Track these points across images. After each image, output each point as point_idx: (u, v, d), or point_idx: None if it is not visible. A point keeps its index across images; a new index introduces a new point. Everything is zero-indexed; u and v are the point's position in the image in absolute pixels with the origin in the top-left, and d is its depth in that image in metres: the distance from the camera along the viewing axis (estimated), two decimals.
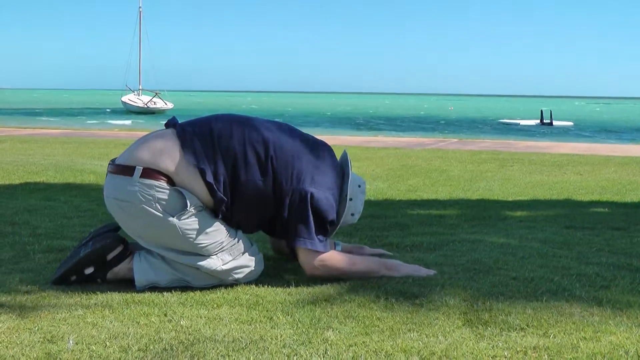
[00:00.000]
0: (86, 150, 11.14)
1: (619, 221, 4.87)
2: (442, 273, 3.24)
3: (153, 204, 2.88)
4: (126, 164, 2.96)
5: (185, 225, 2.90)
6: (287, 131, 3.19)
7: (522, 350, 2.26)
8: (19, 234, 4.14)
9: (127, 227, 3.01)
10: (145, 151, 2.97)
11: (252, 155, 3.00)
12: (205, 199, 2.97)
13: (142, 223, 2.93)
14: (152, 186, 2.88)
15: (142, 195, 2.88)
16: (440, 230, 4.43)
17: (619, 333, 2.43)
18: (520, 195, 6.53)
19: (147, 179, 2.89)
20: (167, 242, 2.95)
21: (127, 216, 2.95)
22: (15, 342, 2.31)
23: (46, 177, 7.26)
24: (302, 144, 3.15)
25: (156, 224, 2.90)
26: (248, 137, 3.03)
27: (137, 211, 2.90)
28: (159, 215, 2.88)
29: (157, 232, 2.93)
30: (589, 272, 3.27)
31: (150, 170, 2.90)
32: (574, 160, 10.41)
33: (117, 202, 2.94)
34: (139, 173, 2.90)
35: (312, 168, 3.09)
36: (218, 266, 2.97)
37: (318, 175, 3.09)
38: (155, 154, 2.94)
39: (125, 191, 2.91)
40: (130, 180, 2.90)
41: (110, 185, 2.99)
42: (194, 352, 2.23)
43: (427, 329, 2.46)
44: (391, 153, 11.61)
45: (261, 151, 3.01)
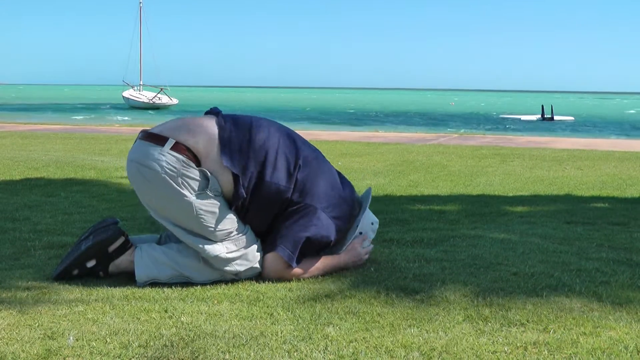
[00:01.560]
0: (87, 146, 11.14)
1: (619, 216, 4.87)
2: (443, 269, 3.25)
3: (175, 178, 2.91)
4: (160, 134, 2.99)
5: (201, 205, 2.92)
6: (319, 153, 3.30)
7: (522, 346, 2.26)
8: (20, 230, 4.14)
9: (142, 195, 3.03)
10: (182, 128, 3.02)
11: (281, 161, 3.06)
12: (227, 189, 3.00)
13: (159, 193, 2.94)
14: (179, 160, 2.92)
15: (167, 166, 2.91)
16: (441, 226, 4.43)
17: (619, 328, 2.43)
18: (521, 190, 6.53)
19: (176, 152, 2.92)
20: (178, 218, 2.96)
21: (146, 183, 2.96)
22: (15, 338, 2.31)
23: (47, 173, 7.26)
24: (328, 169, 3.26)
25: (173, 197, 2.92)
26: (283, 143, 3.11)
27: (157, 180, 2.91)
28: (178, 190, 2.91)
29: (171, 206, 2.95)
30: (589, 268, 3.27)
31: (182, 146, 2.94)
32: (574, 156, 10.40)
33: (140, 167, 2.96)
34: (170, 145, 2.94)
35: (329, 192, 3.17)
36: (222, 253, 2.97)
37: (331, 200, 3.17)
38: (190, 133, 2.99)
39: (152, 158, 2.93)
40: (159, 150, 2.94)
41: (138, 150, 3.01)
42: (194, 348, 2.23)
43: (427, 325, 2.46)
44: (392, 148, 11.60)
45: (291, 159, 3.09)
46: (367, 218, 3.36)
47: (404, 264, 3.34)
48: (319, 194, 3.13)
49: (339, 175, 3.34)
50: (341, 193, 3.24)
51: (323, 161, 3.27)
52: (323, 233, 3.11)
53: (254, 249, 3.06)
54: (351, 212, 3.29)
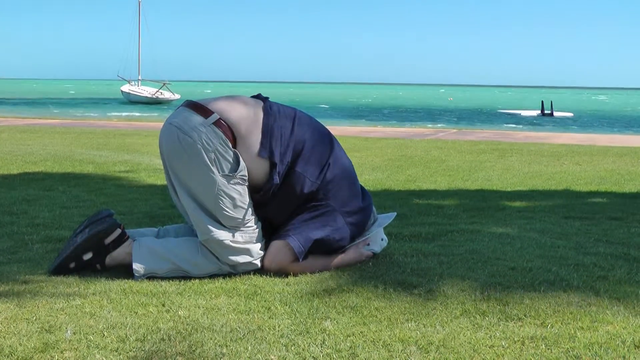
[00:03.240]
0: (85, 141, 11.13)
1: (617, 211, 4.87)
2: (441, 263, 3.25)
3: (209, 152, 2.92)
4: (207, 106, 3.01)
5: (224, 186, 2.93)
6: (349, 161, 3.33)
7: (519, 340, 2.26)
8: (17, 224, 4.13)
9: (170, 159, 3.01)
10: (229, 106, 3.03)
11: (315, 156, 3.09)
12: (257, 175, 3.01)
13: (188, 160, 2.94)
14: (218, 136, 2.93)
15: (205, 138, 2.92)
16: (439, 221, 4.43)
17: (616, 323, 2.43)
18: (519, 185, 6.53)
19: (218, 128, 2.94)
20: (198, 190, 2.96)
21: (178, 147, 2.95)
22: (12, 332, 2.31)
23: (45, 167, 7.25)
24: (354, 177, 3.28)
25: (200, 169, 2.92)
26: (320, 139, 3.15)
27: (192, 149, 2.92)
28: (208, 164, 2.92)
29: (195, 177, 2.95)
30: (586, 262, 3.27)
31: (224, 123, 2.96)
32: (572, 151, 10.40)
33: (178, 131, 2.96)
34: (214, 119, 2.96)
35: (351, 198, 3.19)
36: (226, 239, 2.97)
37: (351, 207, 3.19)
38: (236, 113, 3.01)
39: (193, 127, 2.94)
40: (202, 121, 2.96)
41: (181, 116, 3.01)
42: (191, 342, 2.23)
43: (425, 319, 2.46)
44: (390, 143, 11.61)
45: (324, 156, 3.12)
46: (379, 233, 3.38)
47: (402, 258, 3.34)
48: (342, 197, 3.14)
49: (361, 187, 3.37)
50: (360, 203, 3.25)
51: (351, 169, 3.30)
52: (337, 236, 3.12)
53: (258, 246, 3.06)
54: (366, 222, 3.31)
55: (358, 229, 3.26)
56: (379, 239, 3.38)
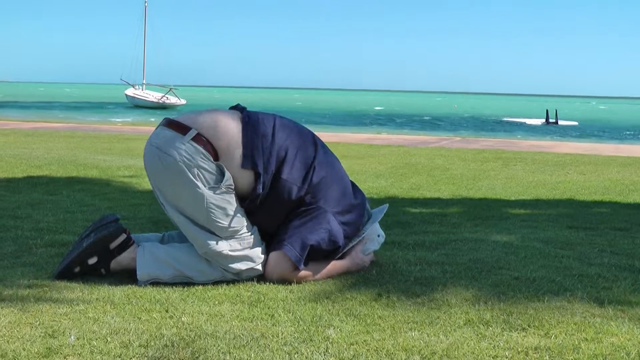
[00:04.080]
0: (89, 145, 11.14)
1: (622, 222, 4.86)
2: (445, 272, 3.24)
3: (191, 168, 2.92)
4: (183, 123, 3.01)
5: (212, 199, 2.93)
6: (336, 159, 3.31)
7: (523, 351, 2.26)
8: (22, 228, 4.14)
9: (156, 180, 3.03)
10: (206, 120, 3.03)
11: (299, 160, 3.08)
12: (243, 185, 3.01)
13: (172, 180, 2.95)
14: (198, 152, 2.93)
15: (185, 155, 2.92)
16: (443, 229, 4.43)
17: (621, 334, 2.42)
18: (523, 194, 6.52)
19: (197, 143, 2.94)
20: (188, 208, 2.96)
21: (161, 168, 2.96)
22: (16, 336, 2.31)
23: (49, 171, 7.26)
24: (343, 176, 3.27)
25: (186, 186, 2.92)
26: (302, 143, 3.14)
27: (173, 167, 2.92)
28: (192, 180, 2.91)
29: (182, 195, 2.95)
30: (591, 273, 3.26)
31: (203, 138, 2.96)
32: (577, 160, 10.38)
33: (159, 152, 2.97)
34: (192, 135, 2.96)
35: (341, 198, 3.18)
36: (224, 250, 2.97)
37: (342, 207, 3.17)
38: (214, 127, 3.00)
39: (172, 145, 2.94)
40: (180, 138, 2.95)
41: (160, 135, 3.02)
42: (195, 348, 2.23)
43: (428, 328, 2.46)
44: (394, 151, 11.60)
45: (308, 160, 3.10)
46: (375, 229, 3.37)
47: (406, 267, 3.34)
48: (332, 198, 3.13)
49: (352, 184, 3.35)
50: (352, 201, 3.24)
51: (338, 167, 3.28)
52: (332, 238, 3.11)
53: (257, 250, 3.05)
54: (360, 220, 3.29)
55: (352, 227, 3.23)
56: (375, 236, 3.36)
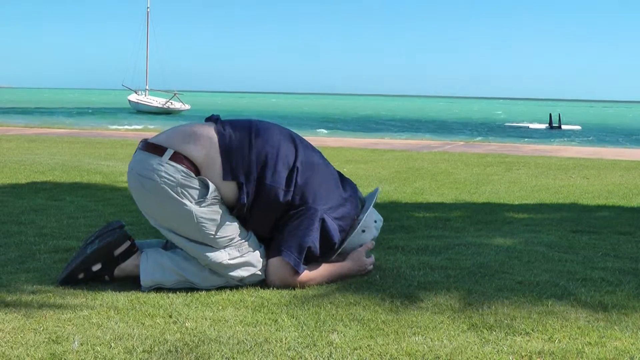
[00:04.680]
0: (93, 150, 11.16)
1: (625, 226, 4.85)
2: (448, 276, 3.24)
3: (175, 187, 2.91)
4: (159, 144, 3.00)
5: (201, 213, 2.92)
6: (318, 154, 3.28)
7: (527, 355, 2.25)
8: (25, 233, 4.14)
9: (143, 205, 3.04)
10: (181, 137, 3.02)
11: (281, 164, 3.05)
12: (228, 195, 3.01)
13: (159, 203, 2.95)
14: (178, 170, 2.92)
15: (166, 176, 2.91)
16: (446, 234, 4.43)
17: (625, 338, 2.42)
18: (526, 198, 6.51)
19: (175, 162, 2.93)
20: (180, 226, 2.96)
21: (146, 193, 2.97)
22: (20, 342, 2.31)
23: (52, 177, 7.27)
24: (328, 170, 3.24)
25: (173, 206, 2.92)
26: (282, 145, 3.10)
27: (157, 190, 2.92)
28: (178, 199, 2.91)
29: (171, 215, 2.95)
30: (594, 277, 3.26)
31: (181, 156, 2.95)
32: (580, 164, 10.38)
33: (140, 177, 2.97)
34: (169, 155, 2.95)
35: (329, 194, 3.16)
36: (224, 260, 2.97)
37: (333, 202, 3.15)
38: (190, 143, 2.99)
39: (151, 169, 2.94)
40: (158, 160, 2.95)
41: (138, 160, 3.02)
42: (198, 353, 2.23)
43: (432, 333, 2.46)
44: (397, 155, 11.60)
45: (291, 162, 3.08)
46: (371, 216, 3.33)
47: (409, 271, 3.33)
48: (321, 195, 3.11)
49: (340, 176, 3.33)
50: (342, 194, 3.22)
51: (323, 162, 3.25)
52: (326, 235, 3.10)
53: (257, 254, 3.06)
54: (354, 212, 3.26)
55: (347, 220, 3.21)
56: (372, 223, 3.33)
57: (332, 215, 3.13)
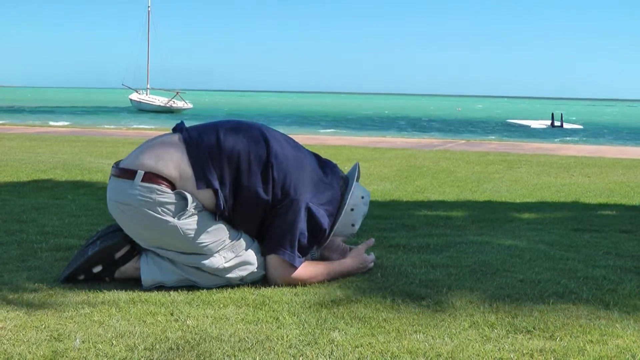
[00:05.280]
0: (94, 149, 11.17)
1: (627, 224, 4.85)
2: (449, 275, 3.24)
3: (153, 207, 2.90)
4: (129, 167, 2.98)
5: (185, 225, 2.91)
6: (292, 143, 3.22)
7: (528, 353, 2.25)
8: (27, 232, 4.15)
9: (128, 230, 3.03)
10: (148, 156, 2.99)
11: (254, 162, 3.02)
12: (208, 202, 2.99)
13: (143, 225, 2.94)
14: (152, 190, 2.90)
15: (142, 198, 2.90)
16: (447, 232, 4.43)
17: (626, 336, 2.42)
18: (528, 197, 6.51)
19: (148, 183, 2.91)
20: (169, 243, 2.96)
21: (128, 219, 2.96)
22: (22, 339, 2.31)
23: (54, 175, 7.28)
24: (305, 158, 3.19)
25: (157, 226, 2.91)
26: (252, 143, 3.06)
27: (137, 214, 2.91)
28: (160, 218, 2.90)
29: (158, 234, 2.94)
30: (596, 275, 3.26)
31: (152, 175, 2.92)
32: (582, 163, 10.38)
33: (118, 204, 2.97)
34: (140, 177, 2.92)
35: (310, 181, 3.12)
36: (220, 264, 2.97)
37: (315, 189, 3.12)
38: (158, 159, 2.96)
39: (126, 194, 2.93)
40: (131, 184, 2.93)
41: (113, 188, 3.02)
42: (200, 351, 2.23)
43: (433, 331, 2.46)
44: (398, 154, 11.60)
45: (263, 158, 3.03)
46: (357, 192, 3.27)
47: (410, 269, 3.33)
48: (301, 185, 3.07)
49: (318, 159, 3.28)
50: (323, 178, 3.18)
51: (297, 150, 3.20)
52: (314, 223, 3.07)
53: (251, 252, 3.05)
54: (338, 193, 3.21)
55: (333, 204, 3.17)
56: (359, 200, 3.27)
57: (317, 202, 3.10)
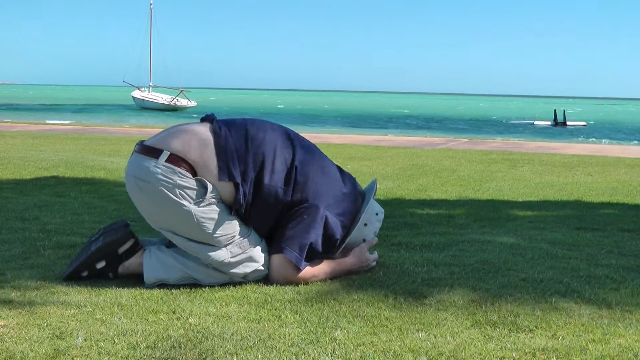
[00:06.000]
0: (97, 147, 11.18)
1: (629, 223, 4.85)
2: (452, 273, 3.24)
3: (172, 189, 2.91)
4: (155, 146, 3.00)
5: (201, 213, 2.92)
6: (316, 150, 3.27)
7: (530, 352, 2.25)
8: (29, 229, 4.15)
9: (141, 208, 3.04)
10: (176, 139, 3.01)
11: (279, 163, 3.05)
12: (226, 195, 3.00)
13: (157, 205, 2.95)
14: (175, 172, 2.92)
15: (163, 178, 2.91)
16: (450, 230, 4.42)
17: (628, 336, 2.42)
18: (530, 196, 6.51)
19: (171, 164, 2.93)
20: (180, 227, 2.96)
21: (144, 196, 2.97)
22: (24, 337, 2.32)
23: (57, 173, 7.29)
24: (328, 166, 3.23)
25: (171, 208, 2.92)
26: (279, 144, 3.10)
27: (154, 193, 2.92)
28: (176, 200, 2.91)
29: (171, 217, 2.95)
30: (598, 274, 3.25)
31: (177, 157, 2.95)
32: (584, 161, 10.36)
33: (137, 180, 2.97)
34: (165, 157, 2.94)
35: (330, 189, 3.15)
36: (226, 258, 2.97)
37: (334, 198, 3.15)
38: (185, 143, 2.99)
39: (147, 171, 2.94)
40: (154, 162, 2.94)
41: (134, 163, 3.02)
42: (202, 349, 2.24)
43: (435, 329, 2.46)
44: (401, 152, 11.60)
45: (288, 160, 3.07)
46: (372, 208, 3.30)
47: (413, 268, 3.33)
48: (321, 192, 3.11)
49: (339, 170, 3.31)
50: (342, 189, 3.21)
51: (321, 158, 3.24)
52: (328, 232, 3.10)
53: (258, 250, 3.06)
54: (355, 207, 3.25)
55: (348, 216, 3.21)
56: (374, 216, 3.30)
57: (334, 211, 3.13)
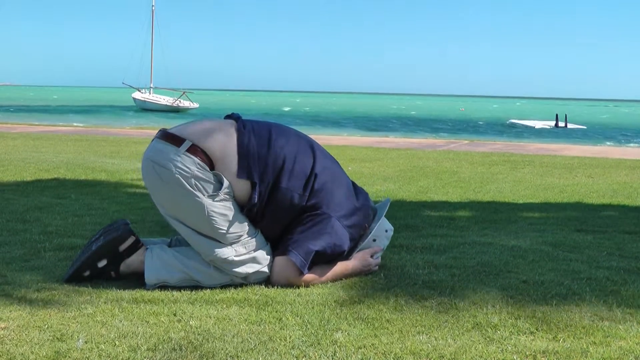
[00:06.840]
0: (98, 148, 11.18)
1: (630, 225, 4.84)
2: (452, 275, 3.24)
3: (189, 179, 2.92)
4: (178, 135, 3.02)
5: (213, 207, 2.93)
6: (336, 163, 3.31)
7: (531, 354, 2.25)
8: (30, 231, 4.15)
9: (155, 193, 3.05)
10: (200, 130, 3.04)
11: (298, 168, 3.07)
12: (241, 193, 3.01)
13: (171, 192, 2.96)
14: (194, 162, 2.93)
15: (181, 166, 2.92)
16: (451, 232, 4.42)
17: (629, 338, 2.42)
18: (531, 197, 6.50)
19: (191, 154, 2.94)
20: (189, 218, 2.97)
21: (159, 182, 2.98)
22: (24, 340, 2.32)
23: (58, 175, 7.28)
24: (343, 179, 3.26)
25: (184, 197, 2.93)
26: (300, 150, 3.13)
27: (171, 180, 2.93)
28: (190, 190, 2.92)
29: (182, 206, 2.96)
30: (599, 276, 3.25)
31: (198, 149, 2.96)
32: (585, 163, 10.35)
33: (154, 165, 2.98)
34: (186, 146, 2.96)
35: (344, 201, 3.17)
36: (230, 256, 2.98)
37: (347, 210, 3.17)
38: (208, 137, 3.01)
39: (167, 158, 2.95)
40: (175, 150, 2.96)
41: (154, 148, 3.03)
42: (202, 352, 2.24)
43: (436, 332, 2.46)
44: (402, 154, 11.59)
45: (308, 167, 3.09)
46: (382, 225, 3.35)
47: (414, 270, 3.33)
48: (335, 202, 3.13)
49: (353, 185, 3.35)
50: (355, 202, 3.24)
51: (339, 170, 3.28)
52: (336, 242, 3.10)
53: (263, 252, 3.06)
54: (365, 221, 3.28)
55: (357, 229, 3.23)
56: (383, 232, 3.35)
57: (345, 223, 3.15)
